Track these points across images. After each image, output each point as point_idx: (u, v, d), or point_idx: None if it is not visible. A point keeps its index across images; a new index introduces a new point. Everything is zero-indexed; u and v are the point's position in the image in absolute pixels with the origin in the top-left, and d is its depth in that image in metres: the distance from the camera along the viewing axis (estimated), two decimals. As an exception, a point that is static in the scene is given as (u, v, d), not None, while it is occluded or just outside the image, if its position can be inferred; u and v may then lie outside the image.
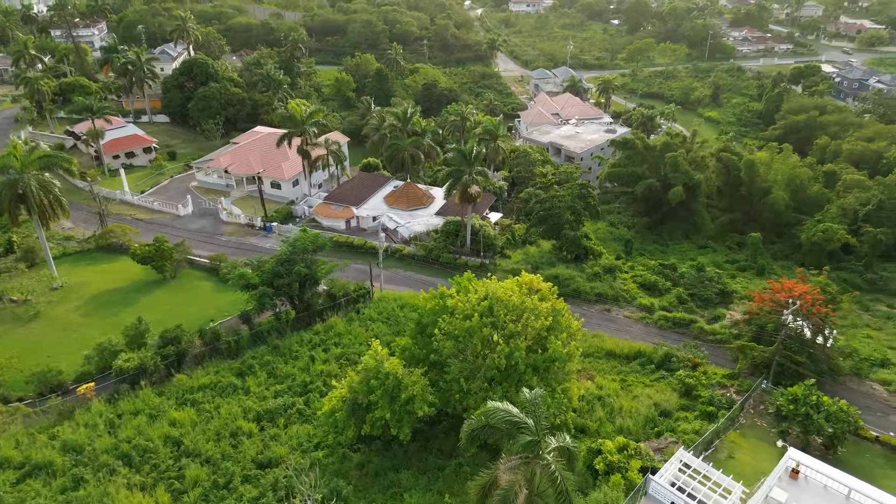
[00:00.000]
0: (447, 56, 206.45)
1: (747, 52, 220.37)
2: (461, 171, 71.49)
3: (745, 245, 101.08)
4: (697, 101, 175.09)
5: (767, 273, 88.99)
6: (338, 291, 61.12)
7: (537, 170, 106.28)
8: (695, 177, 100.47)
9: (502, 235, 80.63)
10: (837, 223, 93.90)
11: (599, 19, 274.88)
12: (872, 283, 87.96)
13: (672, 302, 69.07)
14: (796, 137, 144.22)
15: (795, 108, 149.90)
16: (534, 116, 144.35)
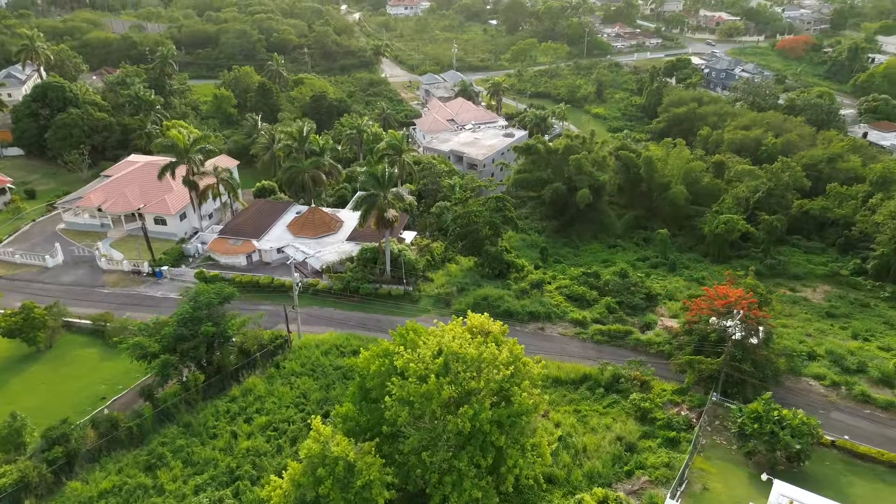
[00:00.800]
0: (330, 64, 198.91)
1: (622, 47, 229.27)
2: (375, 195, 66.26)
3: (651, 241, 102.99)
4: (584, 98, 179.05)
5: (679, 268, 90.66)
6: (251, 346, 54.05)
7: (445, 182, 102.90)
8: (599, 178, 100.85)
9: (422, 257, 76.16)
10: (734, 213, 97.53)
11: (478, 20, 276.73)
12: (773, 269, 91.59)
13: (602, 313, 67.59)
14: (679, 129, 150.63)
15: (676, 100, 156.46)
16: (430, 124, 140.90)
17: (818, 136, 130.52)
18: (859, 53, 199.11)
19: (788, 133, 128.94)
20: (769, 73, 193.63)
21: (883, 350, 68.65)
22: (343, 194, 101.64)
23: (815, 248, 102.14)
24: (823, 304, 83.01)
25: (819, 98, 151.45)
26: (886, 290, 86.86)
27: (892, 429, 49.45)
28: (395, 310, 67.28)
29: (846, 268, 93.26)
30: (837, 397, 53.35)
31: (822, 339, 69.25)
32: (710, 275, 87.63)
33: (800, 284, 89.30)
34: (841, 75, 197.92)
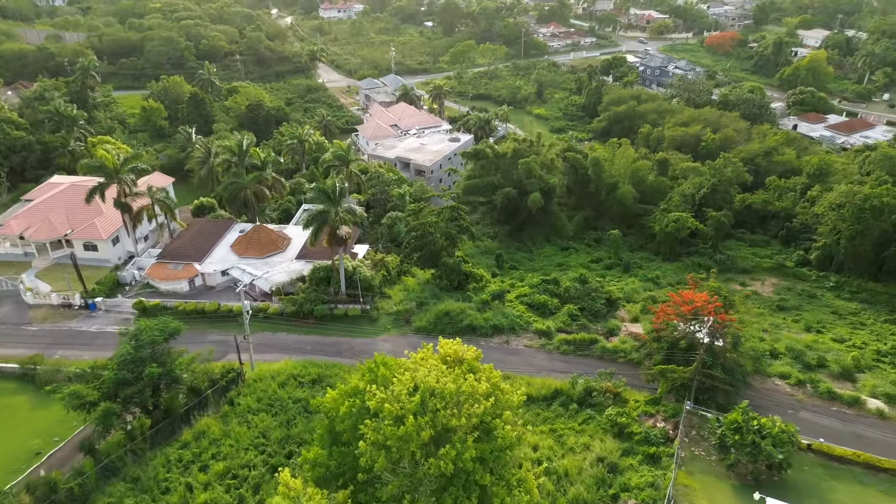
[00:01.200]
0: (264, 70, 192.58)
1: (558, 47, 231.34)
2: (326, 212, 62.97)
3: (602, 241, 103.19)
4: (525, 99, 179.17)
5: (633, 268, 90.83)
6: (201, 382, 50.03)
7: (394, 191, 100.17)
8: (549, 180, 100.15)
9: (377, 272, 73.25)
10: (681, 210, 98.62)
11: (413, 22, 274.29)
12: (722, 264, 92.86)
13: (565, 321, 66.47)
14: (620, 127, 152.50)
15: (615, 99, 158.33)
16: (373, 130, 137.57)
17: (753, 131, 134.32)
18: (783, 48, 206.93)
19: (725, 128, 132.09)
20: (700, 70, 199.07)
21: (836, 342, 70.23)
22: (288, 208, 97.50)
23: (759, 240, 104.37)
24: (774, 298, 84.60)
25: (751, 93, 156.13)
26: (831, 280, 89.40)
27: (860, 426, 49.92)
28: (353, 331, 64.26)
29: (791, 259, 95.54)
30: (804, 396, 53.65)
31: (778, 333, 70.28)
32: (663, 273, 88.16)
33: (748, 278, 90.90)
34: (767, 69, 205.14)
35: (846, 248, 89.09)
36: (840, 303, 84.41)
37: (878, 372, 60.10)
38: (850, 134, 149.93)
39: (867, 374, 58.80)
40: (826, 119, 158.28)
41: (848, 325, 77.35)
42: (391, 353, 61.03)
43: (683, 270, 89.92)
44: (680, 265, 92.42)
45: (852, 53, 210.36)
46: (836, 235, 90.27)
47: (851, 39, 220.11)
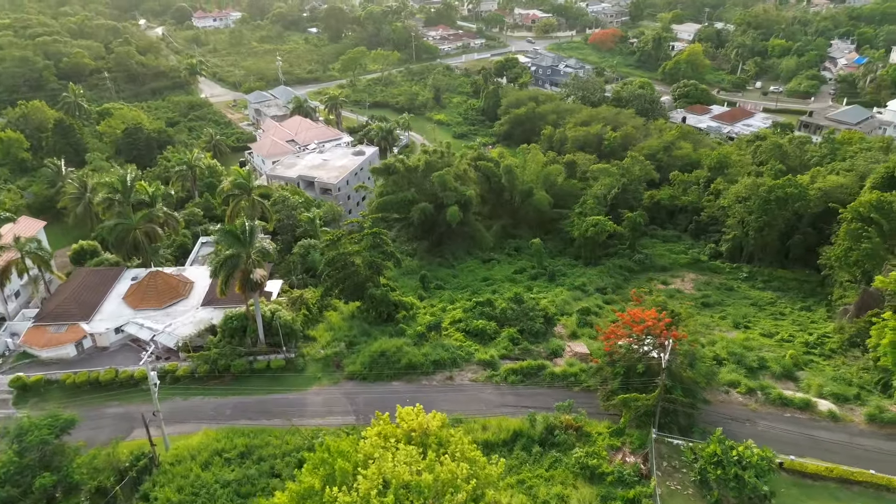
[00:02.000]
0: (138, 88, 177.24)
1: (449, 49, 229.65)
2: (237, 256, 55.73)
3: (522, 250, 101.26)
4: (423, 105, 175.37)
5: (558, 277, 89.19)
6: (106, 480, 41.91)
7: (302, 216, 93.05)
8: (466, 192, 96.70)
9: (297, 313, 66.50)
10: (595, 212, 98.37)
11: (297, 28, 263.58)
12: (641, 263, 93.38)
13: (507, 347, 63.03)
14: (522, 130, 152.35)
15: (514, 101, 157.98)
16: (268, 147, 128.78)
17: (650, 126, 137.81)
18: (662, 43, 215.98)
19: (624, 125, 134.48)
20: (589, 67, 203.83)
21: (766, 337, 71.39)
22: (184, 243, 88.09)
23: (671, 236, 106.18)
24: (696, 294, 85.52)
25: (641, 89, 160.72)
26: (744, 271, 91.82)
27: (815, 430, 49.72)
28: (279, 385, 57.51)
29: (704, 253, 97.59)
30: (757, 405, 53.03)
31: (712, 334, 70.51)
32: (588, 280, 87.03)
33: (668, 276, 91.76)
34: (649, 64, 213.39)
35: (755, 239, 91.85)
36: (756, 293, 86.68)
37: (815, 368, 61.04)
38: (734, 123, 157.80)
39: (806, 371, 59.46)
40: (710, 110, 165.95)
41: (769, 316, 79.29)
42: (326, 406, 55.21)
43: (606, 274, 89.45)
44: (602, 269, 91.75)
45: (723, 45, 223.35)
46: (744, 227, 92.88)
47: (721, 32, 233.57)
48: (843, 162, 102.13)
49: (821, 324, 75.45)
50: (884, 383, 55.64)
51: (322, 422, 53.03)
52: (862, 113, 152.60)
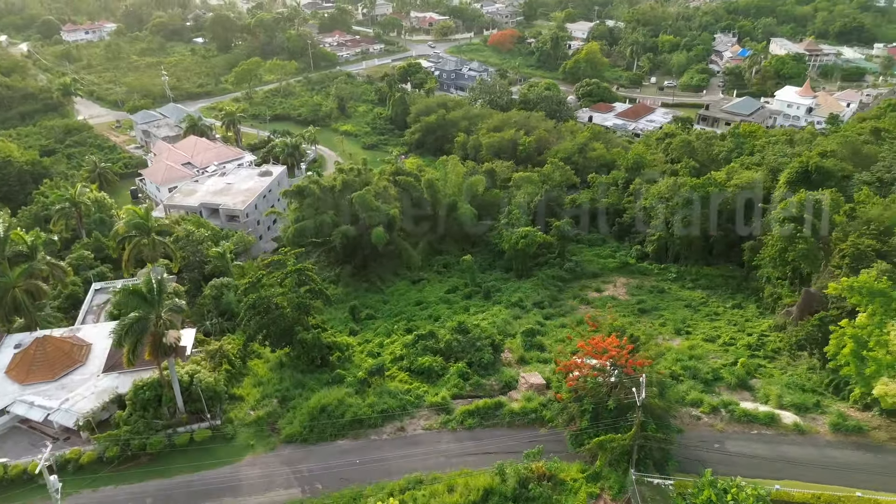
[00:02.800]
0: (4, 113, 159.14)
1: (348, 56, 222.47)
2: (145, 319, 47.83)
3: (451, 266, 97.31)
4: (327, 116, 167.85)
5: (493, 294, 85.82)
6: None
7: (211, 251, 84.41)
8: (389, 211, 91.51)
9: (219, 369, 58.93)
10: (521, 222, 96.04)
11: (181, 39, 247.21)
12: (572, 271, 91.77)
13: (458, 384, 58.49)
14: (434, 137, 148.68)
15: (423, 109, 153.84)
16: (163, 173, 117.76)
17: (562, 129, 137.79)
18: (560, 42, 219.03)
19: (537, 129, 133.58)
20: (492, 69, 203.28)
21: (709, 342, 71.00)
22: (74, 293, 77.44)
23: (595, 240, 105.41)
24: (632, 301, 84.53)
25: (548, 90, 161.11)
26: (672, 271, 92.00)
27: (784, 445, 48.60)
28: (207, 460, 50.10)
29: (630, 255, 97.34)
30: (723, 424, 51.43)
31: (658, 345, 69.16)
32: (525, 294, 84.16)
33: (600, 282, 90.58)
34: (549, 64, 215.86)
35: (680, 238, 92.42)
36: (687, 293, 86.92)
37: (764, 373, 60.68)
38: (638, 120, 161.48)
39: (760, 379, 58.87)
40: (614, 108, 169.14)
41: (705, 318, 79.36)
42: (264, 479, 48.46)
43: (540, 286, 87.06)
44: (535, 281, 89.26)
45: (617, 43, 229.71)
46: (668, 227, 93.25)
47: (613, 29, 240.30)
48: (751, 156, 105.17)
49: (755, 322, 76.17)
50: (835, 385, 55.77)
51: (263, 500, 46.43)
52: (753, 104, 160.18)
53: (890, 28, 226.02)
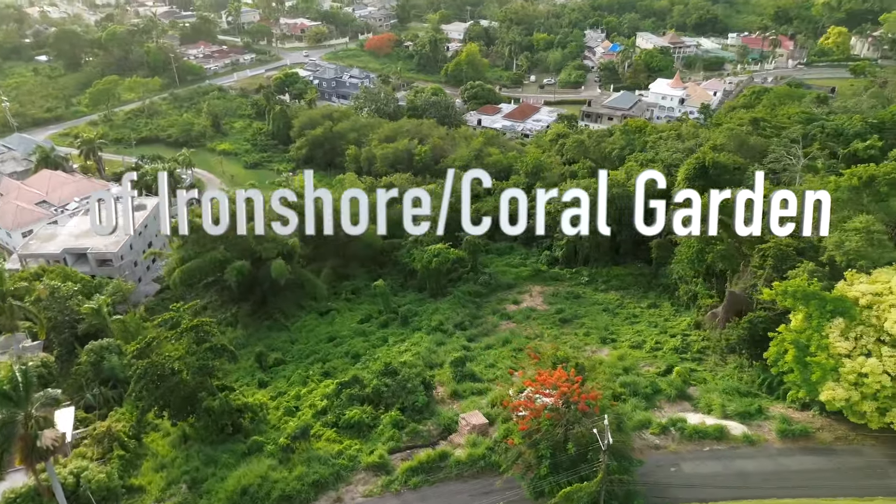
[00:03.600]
0: None
1: (216, 68, 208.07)
2: (11, 422, 38.63)
3: (361, 292, 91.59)
4: (201, 135, 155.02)
5: (411, 319, 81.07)
6: None
7: (84, 307, 73.27)
8: (287, 241, 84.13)
9: (109, 457, 49.92)
10: (432, 238, 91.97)
11: (20, 58, 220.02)
12: (488, 285, 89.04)
13: (394, 436, 53.20)
14: (322, 151, 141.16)
15: (307, 122, 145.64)
16: (13, 216, 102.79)
17: (455, 135, 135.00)
18: (438, 44, 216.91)
19: (430, 137, 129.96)
20: (373, 75, 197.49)
21: (636, 349, 70.21)
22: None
23: (503, 248, 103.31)
24: (551, 311, 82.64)
25: (435, 95, 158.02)
26: (584, 275, 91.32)
27: (739, 460, 47.65)
28: (109, 578, 41.66)
29: (541, 262, 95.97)
30: (674, 444, 49.82)
31: (589, 359, 67.50)
32: (445, 317, 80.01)
33: (516, 293, 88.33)
34: (430, 67, 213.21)
35: (589, 241, 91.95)
36: (602, 296, 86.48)
37: (698, 378, 60.20)
38: (525, 120, 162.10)
39: (696, 386, 58.21)
40: (501, 109, 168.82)
41: (625, 322, 78.95)
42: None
43: (458, 305, 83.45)
44: (452, 299, 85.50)
45: (494, 43, 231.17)
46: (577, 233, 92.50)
47: (488, 29, 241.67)
48: (644, 153, 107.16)
49: (673, 321, 76.67)
50: (768, 384, 56.01)
51: None
52: (631, 98, 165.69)
53: (739, 18, 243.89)
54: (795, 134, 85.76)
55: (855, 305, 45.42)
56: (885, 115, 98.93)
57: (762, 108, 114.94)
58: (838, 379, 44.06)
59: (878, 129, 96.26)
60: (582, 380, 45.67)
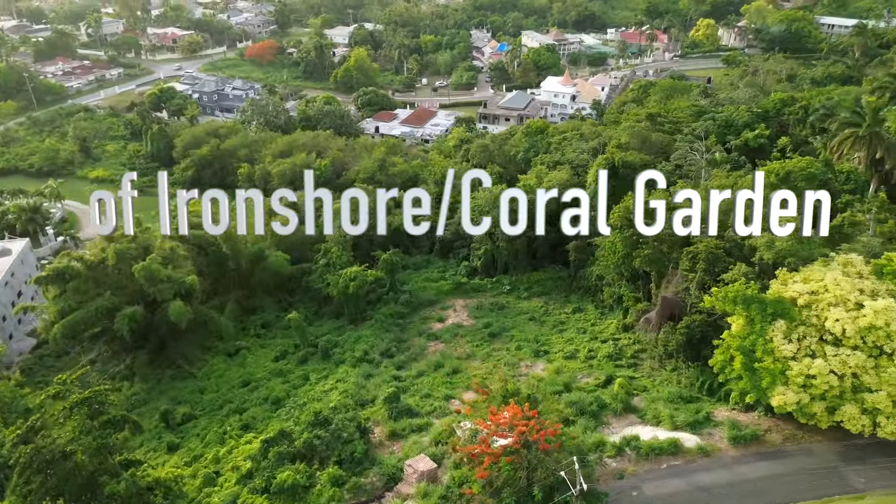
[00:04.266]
0: None
1: (80, 86, 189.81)
2: None
3: (272, 326, 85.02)
4: (69, 162, 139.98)
5: (332, 351, 75.64)
6: None
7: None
8: (184, 280, 76.20)
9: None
10: (345, 260, 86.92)
11: None
12: (409, 304, 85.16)
13: (335, 495, 47.97)
14: (211, 172, 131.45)
15: (192, 141, 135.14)
16: None
17: (355, 146, 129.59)
18: (324, 50, 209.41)
19: (329, 150, 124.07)
20: (258, 85, 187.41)
21: (570, 359, 68.63)
22: None
23: (420, 262, 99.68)
24: (478, 325, 79.90)
25: (328, 105, 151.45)
26: (505, 284, 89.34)
27: (697, 474, 46.44)
28: None
29: (460, 273, 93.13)
30: (632, 465, 47.99)
31: (527, 377, 65.24)
32: (369, 345, 75.16)
33: (440, 310, 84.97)
34: (318, 74, 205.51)
35: (506, 248, 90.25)
36: (525, 304, 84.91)
37: (640, 386, 59.28)
38: (423, 125, 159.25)
39: (640, 396, 57.13)
40: (397, 115, 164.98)
41: (554, 330, 77.50)
42: None
43: (381, 329, 79.08)
44: (373, 324, 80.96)
45: (381, 46, 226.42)
46: (494, 239, 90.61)
47: (374, 33, 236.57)
48: (549, 154, 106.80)
49: (600, 324, 76.10)
50: (708, 386, 55.82)
51: None
52: (525, 97, 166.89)
53: (615, 14, 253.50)
54: (699, 130, 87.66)
55: (794, 306, 45.37)
56: (767, 105, 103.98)
57: (654, 102, 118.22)
58: (786, 382, 43.75)
59: (762, 119, 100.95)
60: (537, 413, 42.78)
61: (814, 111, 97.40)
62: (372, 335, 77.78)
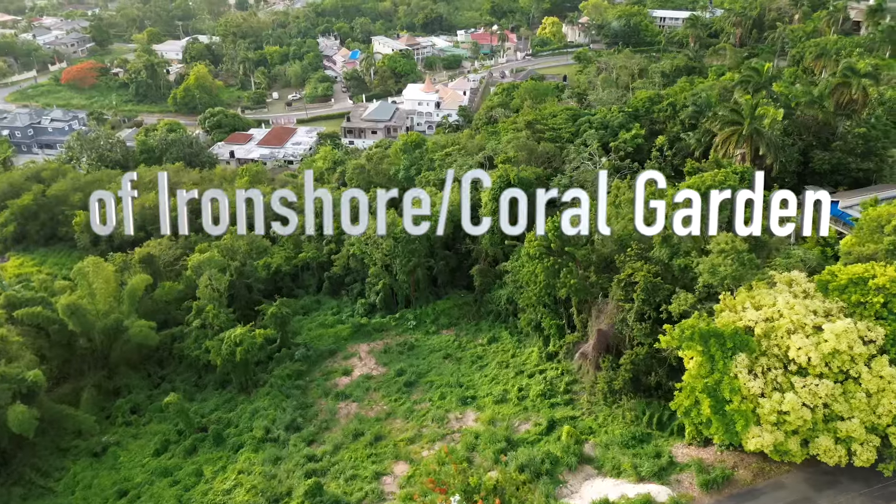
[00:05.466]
0: None
1: None
2: None
3: (144, 410, 71.91)
4: None
5: (226, 435, 64.65)
6: None
7: None
8: (25, 377, 61.86)
9: None
10: (223, 320, 75.63)
11: None
12: (307, 359, 75.87)
13: None
14: (38, 224, 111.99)
15: (7, 189, 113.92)
16: None
17: (212, 177, 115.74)
18: (157, 69, 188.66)
19: (183, 185, 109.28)
20: (83, 115, 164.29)
21: (501, 403, 63.01)
22: None
23: (309, 305, 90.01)
24: (390, 374, 72.24)
25: (173, 132, 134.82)
26: (410, 319, 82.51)
27: None
28: None
29: (358, 313, 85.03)
30: None
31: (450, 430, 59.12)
32: (268, 421, 64.91)
33: (343, 361, 76.29)
34: (153, 96, 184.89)
35: (405, 281, 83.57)
36: (435, 340, 78.81)
37: (584, 428, 55.03)
38: (283, 145, 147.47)
39: (590, 440, 52.84)
40: (252, 136, 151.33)
41: (473, 367, 71.78)
42: None
43: (279, 398, 69.05)
44: (268, 391, 70.82)
45: (221, 60, 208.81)
46: (392, 273, 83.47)
47: (211, 46, 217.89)
48: (433, 172, 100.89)
49: (520, 354, 71.58)
50: (657, 420, 52.76)
51: None
52: (390, 108, 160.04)
53: (461, 15, 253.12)
54: (591, 140, 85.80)
55: (751, 336, 42.71)
56: (637, 104, 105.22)
57: (526, 108, 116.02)
58: (758, 421, 40.90)
59: (634, 118, 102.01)
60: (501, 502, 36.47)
61: (682, 108, 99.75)
62: (270, 405, 67.67)
